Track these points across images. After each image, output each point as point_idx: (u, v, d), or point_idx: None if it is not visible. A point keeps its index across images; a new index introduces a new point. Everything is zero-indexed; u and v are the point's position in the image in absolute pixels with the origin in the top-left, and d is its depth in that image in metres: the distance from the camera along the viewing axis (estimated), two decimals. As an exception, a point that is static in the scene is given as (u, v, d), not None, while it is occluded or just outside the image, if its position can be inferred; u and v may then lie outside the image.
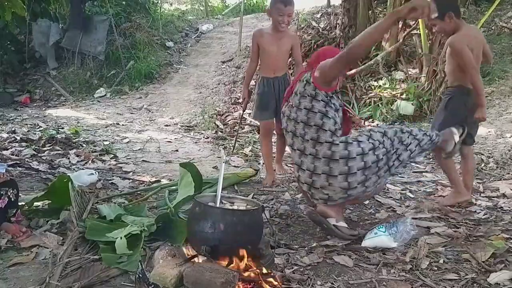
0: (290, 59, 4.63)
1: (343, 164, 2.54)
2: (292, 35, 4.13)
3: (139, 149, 5.43)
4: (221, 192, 2.27)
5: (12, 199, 2.69)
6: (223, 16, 13.95)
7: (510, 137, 5.10)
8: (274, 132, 4.16)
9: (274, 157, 4.31)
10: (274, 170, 4.12)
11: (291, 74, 4.51)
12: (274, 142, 4.36)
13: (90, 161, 4.64)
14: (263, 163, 4.22)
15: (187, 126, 7.21)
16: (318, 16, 10.25)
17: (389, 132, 2.66)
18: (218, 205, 2.20)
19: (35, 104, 9.48)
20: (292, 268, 2.30)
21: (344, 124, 2.75)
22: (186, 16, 13.55)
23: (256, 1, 14.52)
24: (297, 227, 2.91)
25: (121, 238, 2.40)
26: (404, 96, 6.71)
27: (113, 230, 2.53)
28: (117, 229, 2.53)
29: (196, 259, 2.12)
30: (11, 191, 2.69)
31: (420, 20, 6.53)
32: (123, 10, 11.02)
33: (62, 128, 6.56)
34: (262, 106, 3.97)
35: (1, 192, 2.63)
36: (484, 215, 3.09)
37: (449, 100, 3.29)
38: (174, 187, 3.51)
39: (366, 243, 2.58)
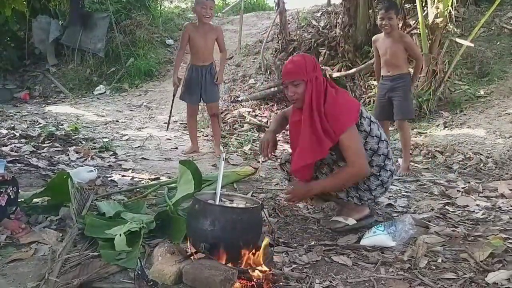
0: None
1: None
2: (217, 27, 4.88)
3: (139, 147, 5.43)
4: (221, 190, 2.27)
5: (12, 196, 2.69)
6: (223, 14, 13.92)
7: (509, 138, 5.11)
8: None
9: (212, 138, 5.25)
10: (214, 152, 4.99)
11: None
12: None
13: (89, 158, 4.64)
14: (261, 161, 4.68)
15: (187, 124, 7.21)
16: (318, 15, 10.25)
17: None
18: (217, 203, 2.20)
19: (35, 101, 9.48)
20: (291, 266, 2.31)
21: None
22: (186, 14, 13.53)
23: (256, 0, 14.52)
24: (296, 225, 2.91)
25: (120, 235, 2.41)
26: (403, 95, 6.70)
27: (112, 227, 2.53)
28: (116, 226, 2.53)
29: (195, 257, 2.12)
30: (11, 189, 2.68)
31: (420, 20, 6.54)
32: (123, 7, 11.02)
33: (62, 124, 6.56)
34: (190, 91, 4.83)
35: (1, 190, 2.63)
36: (482, 215, 3.10)
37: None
38: (173, 185, 3.52)
39: (364, 242, 2.58)
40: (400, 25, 7.49)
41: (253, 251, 2.14)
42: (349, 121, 2.59)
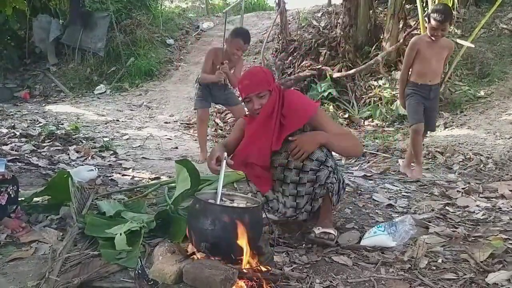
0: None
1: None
2: (240, 58, 4.68)
3: (139, 146, 5.44)
4: (221, 190, 2.27)
5: (12, 196, 2.68)
6: (224, 14, 13.93)
7: (509, 138, 5.11)
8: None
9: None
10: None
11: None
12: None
13: (89, 157, 4.64)
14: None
15: (187, 124, 7.22)
16: (319, 15, 10.26)
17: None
18: (218, 202, 2.20)
19: (35, 100, 9.48)
20: (291, 266, 2.31)
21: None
22: (187, 14, 13.55)
23: (257, 0, 14.52)
24: (296, 225, 2.91)
25: (120, 234, 2.41)
26: (404, 96, 6.70)
27: (112, 226, 2.53)
28: (117, 225, 2.53)
29: (197, 256, 2.12)
30: (11, 188, 2.68)
31: (420, 20, 6.54)
32: (123, 7, 11.03)
33: (62, 124, 6.56)
34: (202, 97, 4.73)
35: (1, 189, 2.63)
36: (482, 215, 3.10)
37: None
38: (173, 184, 3.52)
39: (365, 242, 2.58)
40: (401, 25, 7.49)
41: (253, 251, 2.14)
42: (311, 109, 2.54)
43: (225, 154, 2.45)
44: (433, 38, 3.83)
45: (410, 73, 4.08)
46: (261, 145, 2.55)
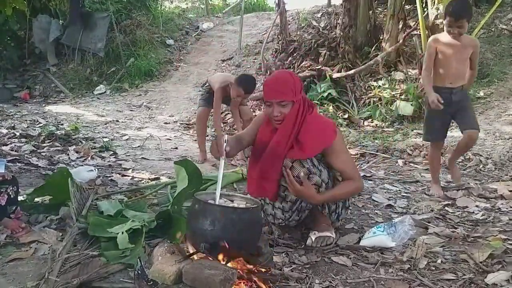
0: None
1: None
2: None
3: (139, 146, 5.44)
4: (220, 190, 2.27)
5: (12, 196, 2.69)
6: (224, 15, 13.95)
7: (508, 139, 5.11)
8: None
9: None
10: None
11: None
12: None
13: (89, 158, 4.65)
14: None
15: (187, 124, 7.23)
16: (319, 15, 10.27)
17: None
18: (217, 203, 2.20)
19: (35, 100, 9.48)
20: (291, 266, 2.31)
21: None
22: (187, 14, 13.56)
23: (257, 0, 14.53)
24: (295, 225, 2.91)
25: (122, 233, 2.41)
26: (403, 96, 6.72)
27: (114, 226, 2.53)
28: (118, 224, 2.53)
29: (195, 256, 2.12)
30: (11, 188, 2.68)
31: (420, 21, 6.55)
32: (123, 7, 11.03)
33: (62, 124, 6.57)
34: (208, 99, 4.81)
35: (1, 189, 2.63)
36: (482, 216, 3.10)
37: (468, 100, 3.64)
38: (175, 184, 3.52)
39: (364, 242, 2.59)
40: (401, 26, 7.49)
41: (253, 251, 2.15)
42: (327, 140, 2.47)
43: (226, 136, 2.36)
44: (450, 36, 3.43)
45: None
46: (274, 156, 2.49)
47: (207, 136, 6.07)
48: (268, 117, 2.57)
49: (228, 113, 7.13)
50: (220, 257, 2.03)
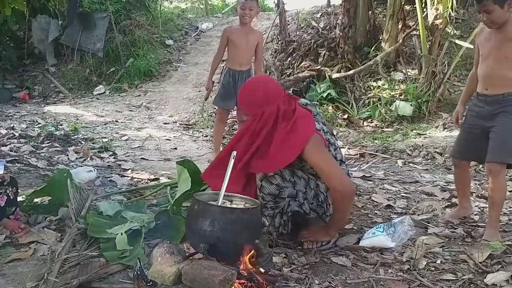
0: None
1: None
2: (259, 32, 4.63)
3: (138, 147, 5.43)
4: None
5: (11, 197, 2.69)
6: (223, 15, 13.93)
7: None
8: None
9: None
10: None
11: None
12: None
13: (88, 158, 4.64)
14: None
15: (186, 124, 7.22)
16: (318, 15, 10.26)
17: None
18: (219, 203, 2.19)
19: (34, 101, 9.47)
20: (290, 267, 2.31)
21: None
22: (186, 14, 13.54)
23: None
24: (295, 226, 2.91)
25: (121, 233, 2.41)
26: (403, 96, 6.72)
27: (113, 226, 2.53)
28: (118, 225, 2.53)
29: (194, 257, 2.12)
30: (10, 189, 2.68)
31: (419, 21, 6.55)
32: (122, 8, 11.01)
33: (61, 124, 6.56)
34: (225, 95, 4.46)
35: (0, 190, 2.63)
36: (481, 216, 3.10)
37: None
38: (175, 185, 3.51)
39: (364, 243, 2.59)
40: (400, 26, 7.49)
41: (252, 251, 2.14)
42: (296, 149, 2.35)
43: (235, 152, 2.32)
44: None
45: None
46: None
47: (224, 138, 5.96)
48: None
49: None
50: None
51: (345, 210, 2.52)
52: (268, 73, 8.48)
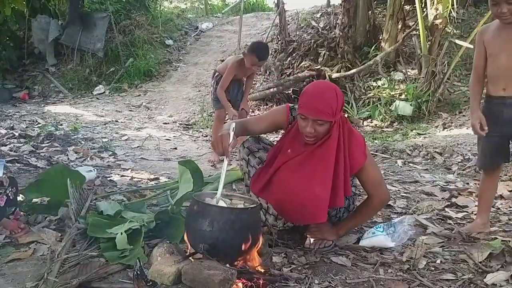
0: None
1: None
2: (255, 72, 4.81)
3: (138, 147, 5.43)
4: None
5: (11, 197, 2.68)
6: (223, 15, 13.93)
7: (508, 139, 5.11)
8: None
9: None
10: None
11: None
12: None
13: (88, 158, 4.64)
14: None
15: (186, 124, 7.23)
16: (318, 15, 10.26)
17: None
18: (217, 203, 2.20)
19: (34, 101, 9.47)
20: (290, 267, 2.31)
21: None
22: (186, 14, 13.54)
23: (256, 0, 14.53)
24: (294, 225, 2.91)
25: (121, 233, 2.41)
26: (402, 96, 6.73)
27: (113, 226, 2.53)
28: (118, 225, 2.53)
29: (194, 257, 2.12)
30: (10, 189, 2.68)
31: (419, 21, 6.55)
32: (122, 8, 11.02)
33: (61, 124, 6.56)
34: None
35: (0, 191, 2.63)
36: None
37: None
38: (175, 185, 3.50)
39: (363, 242, 2.59)
40: (400, 26, 7.49)
41: (252, 251, 2.15)
42: (362, 156, 2.40)
43: (232, 130, 2.25)
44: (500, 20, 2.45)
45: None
46: (318, 192, 2.29)
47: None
48: (297, 127, 2.38)
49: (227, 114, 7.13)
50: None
51: (368, 218, 2.67)
52: (268, 73, 8.49)
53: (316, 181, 2.30)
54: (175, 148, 5.51)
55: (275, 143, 2.67)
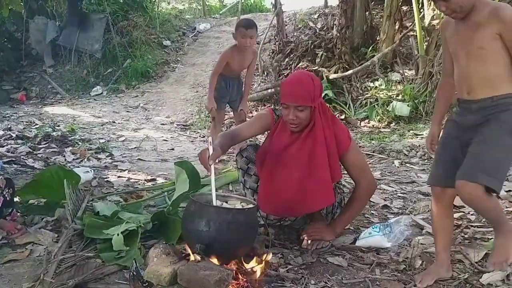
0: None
1: None
2: (254, 50, 4.55)
3: (135, 148, 5.43)
4: (216, 191, 2.27)
5: (8, 198, 2.68)
6: (221, 16, 13.95)
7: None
8: None
9: None
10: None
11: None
12: None
13: (85, 159, 4.63)
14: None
15: (183, 125, 7.23)
16: (315, 16, 10.28)
17: None
18: (214, 203, 2.20)
19: (31, 102, 9.47)
20: (286, 267, 2.31)
21: None
22: (184, 15, 13.55)
23: (254, 1, 14.55)
24: (291, 226, 2.91)
25: (118, 234, 2.41)
26: (400, 97, 6.74)
27: (110, 227, 2.53)
28: (114, 226, 2.53)
29: (190, 257, 2.13)
30: (7, 190, 2.68)
31: (416, 22, 6.57)
32: (120, 8, 11.01)
33: (58, 125, 6.55)
34: (219, 98, 4.43)
35: (-3, 192, 2.64)
36: (477, 216, 3.10)
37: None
38: (172, 186, 3.50)
39: (360, 243, 2.59)
40: (397, 26, 7.51)
41: (248, 252, 2.15)
42: (347, 138, 2.52)
43: (210, 138, 2.38)
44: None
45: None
46: (321, 174, 2.39)
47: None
48: (282, 122, 2.51)
49: (225, 114, 7.13)
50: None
51: (361, 208, 2.70)
52: (265, 73, 8.50)
53: (315, 166, 2.39)
54: (172, 149, 5.51)
55: None
